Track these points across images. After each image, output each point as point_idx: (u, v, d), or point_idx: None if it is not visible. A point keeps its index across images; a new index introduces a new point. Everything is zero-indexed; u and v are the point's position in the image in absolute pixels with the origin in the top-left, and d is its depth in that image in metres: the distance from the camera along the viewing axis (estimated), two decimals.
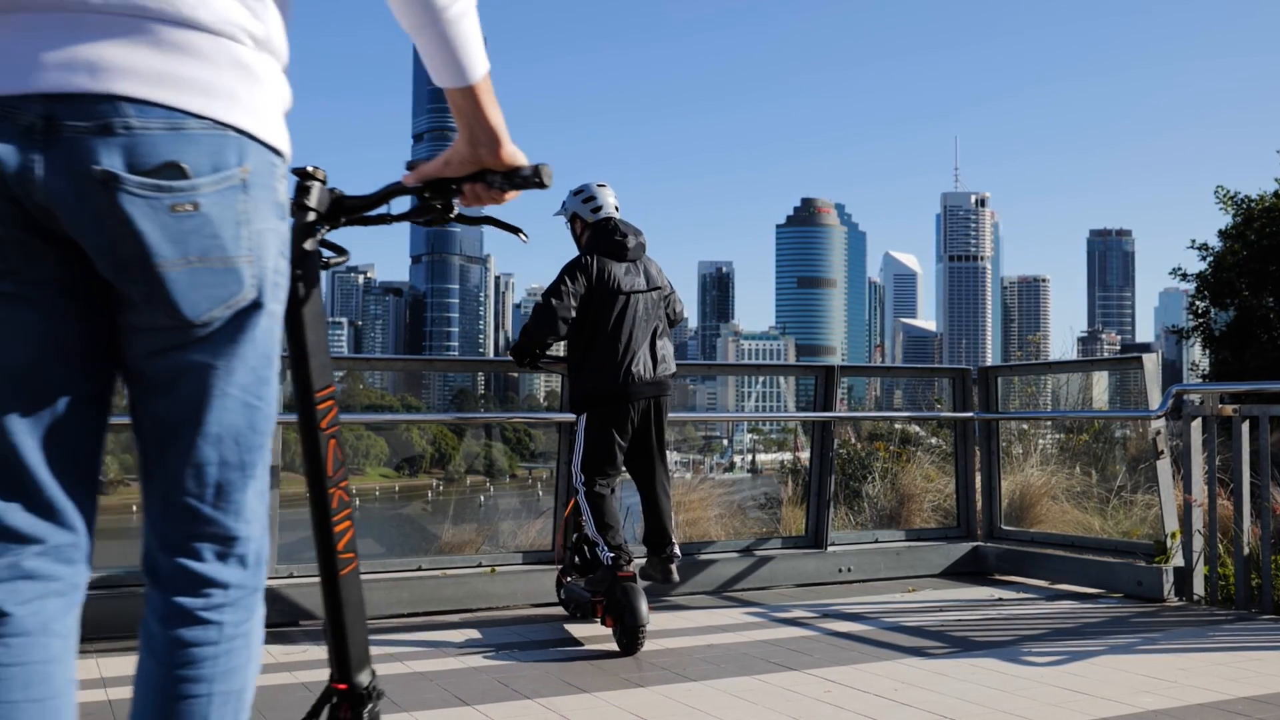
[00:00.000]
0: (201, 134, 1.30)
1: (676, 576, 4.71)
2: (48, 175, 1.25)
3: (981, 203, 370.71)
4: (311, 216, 1.67)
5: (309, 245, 1.65)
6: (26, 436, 1.33)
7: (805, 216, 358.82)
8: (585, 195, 4.72)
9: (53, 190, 1.25)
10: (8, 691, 1.28)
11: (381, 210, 1.79)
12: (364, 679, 1.83)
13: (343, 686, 1.81)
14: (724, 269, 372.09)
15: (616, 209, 4.73)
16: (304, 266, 1.63)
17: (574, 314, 4.52)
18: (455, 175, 1.67)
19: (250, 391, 1.43)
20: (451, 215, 1.73)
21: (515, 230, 1.86)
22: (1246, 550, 5.06)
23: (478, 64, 1.54)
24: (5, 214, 1.28)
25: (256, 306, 1.39)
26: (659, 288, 4.71)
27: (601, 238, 4.61)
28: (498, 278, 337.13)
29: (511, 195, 1.70)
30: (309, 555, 5.49)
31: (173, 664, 1.40)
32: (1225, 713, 3.35)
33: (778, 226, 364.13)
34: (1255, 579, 5.07)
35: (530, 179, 1.65)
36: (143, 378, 1.40)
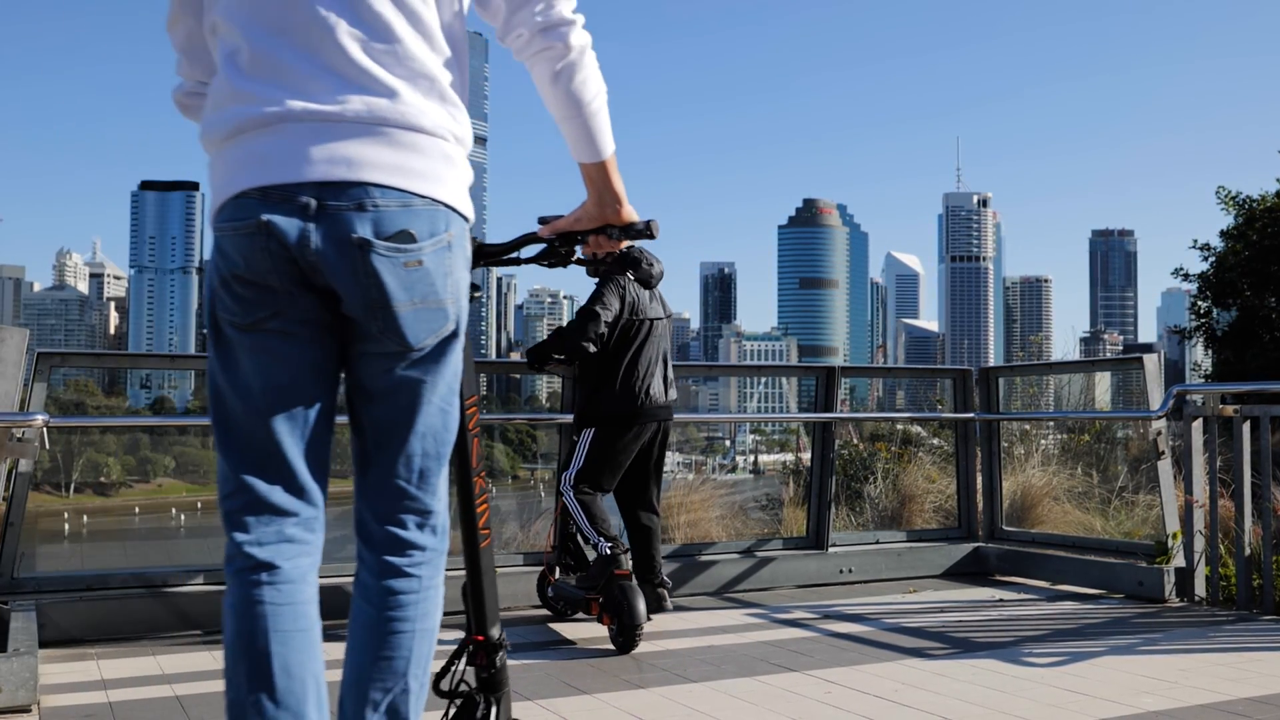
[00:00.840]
0: (423, 209, 1.77)
1: (670, 604, 4.78)
2: (318, 241, 1.71)
3: (983, 203, 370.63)
4: None
5: None
6: (287, 436, 1.80)
7: (807, 217, 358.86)
8: None
9: (321, 252, 1.72)
10: (282, 623, 1.75)
11: (512, 255, 2.31)
12: (495, 632, 2.28)
13: (480, 638, 2.27)
14: (726, 270, 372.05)
15: None
16: None
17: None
18: (583, 229, 2.11)
19: (445, 400, 1.88)
20: (573, 260, 2.23)
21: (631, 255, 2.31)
22: (1248, 551, 5.06)
23: (608, 144, 1.98)
24: (283, 271, 1.73)
25: (454, 335, 1.86)
26: (670, 315, 4.96)
27: (628, 264, 4.73)
28: (500, 279, 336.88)
29: (624, 244, 2.18)
30: None
31: (384, 607, 1.85)
32: (1226, 713, 3.34)
33: (780, 227, 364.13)
34: (1256, 579, 5.06)
35: (643, 231, 2.08)
36: (368, 390, 1.85)
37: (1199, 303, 18.16)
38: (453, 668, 2.23)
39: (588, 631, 4.58)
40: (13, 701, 3.26)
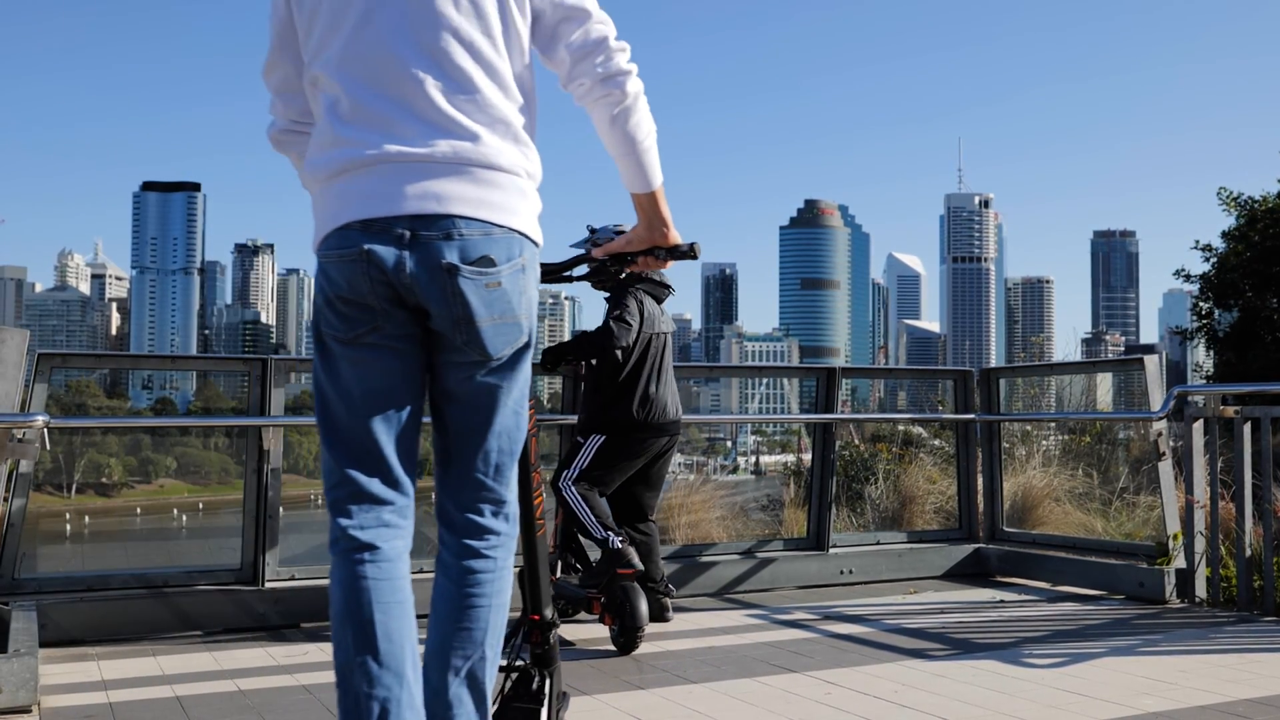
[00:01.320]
0: (501, 237, 2.03)
1: (670, 615, 4.80)
2: (412, 266, 1.98)
3: (985, 204, 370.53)
4: None
5: None
6: (383, 436, 2.06)
7: (809, 218, 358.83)
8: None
9: (415, 276, 1.98)
10: (383, 595, 2.01)
11: (566, 274, 2.65)
12: (548, 612, 2.55)
13: (535, 617, 2.55)
14: (727, 270, 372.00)
15: None
16: None
17: None
18: (633, 251, 2.40)
19: (518, 403, 2.16)
20: (621, 278, 2.61)
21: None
22: (1248, 552, 5.05)
23: (657, 177, 2.25)
24: (382, 293, 2.00)
25: (526, 346, 2.12)
26: (674, 330, 5.06)
27: (642, 278, 4.73)
28: None
29: (670, 264, 2.43)
30: (309, 557, 5.50)
31: (463, 585, 2.10)
32: (1225, 714, 3.34)
33: (781, 228, 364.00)
34: (1257, 580, 5.06)
35: (686, 253, 2.38)
36: (451, 394, 2.11)
37: (1200, 304, 18.15)
38: (509, 643, 2.44)
39: (588, 632, 4.58)
40: (13, 702, 3.26)
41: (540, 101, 2.22)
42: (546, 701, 2.49)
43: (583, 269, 2.61)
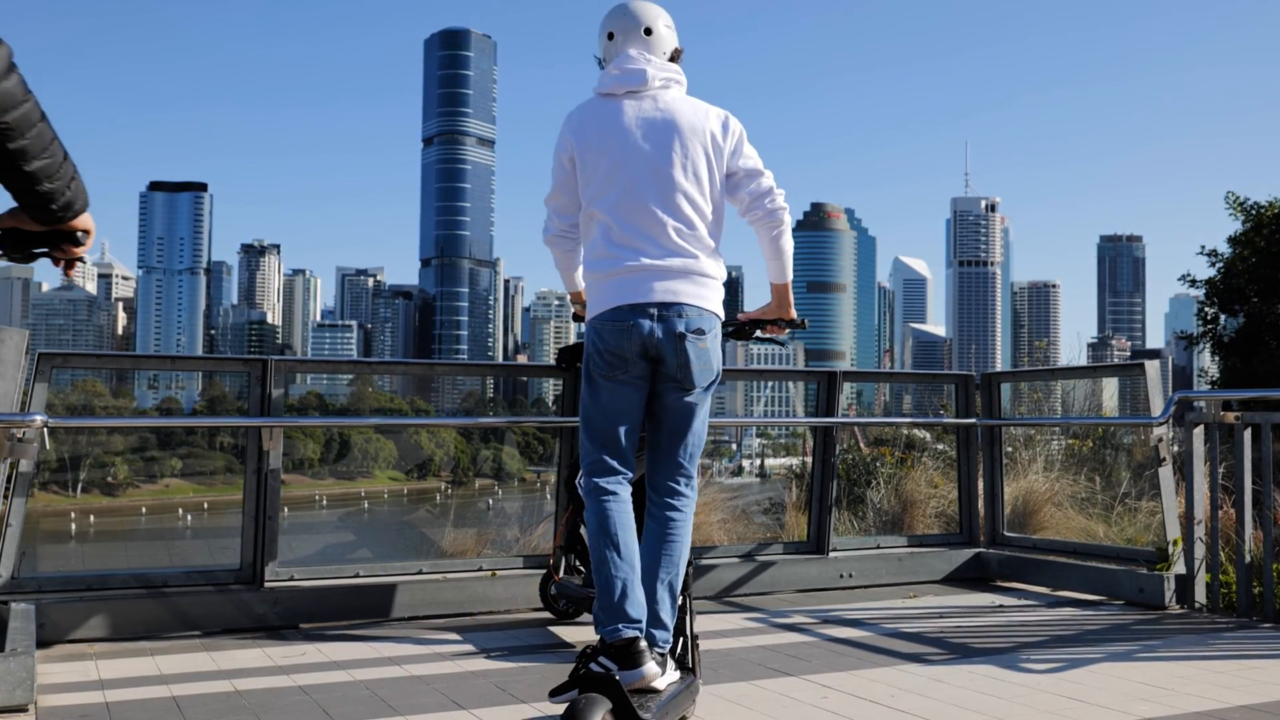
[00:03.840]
0: (707, 315, 3.26)
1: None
2: (658, 333, 3.19)
3: (991, 208, 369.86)
4: None
5: None
6: (622, 435, 3.26)
7: (815, 221, 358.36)
8: None
9: (659, 339, 3.19)
10: (621, 520, 3.18)
11: (728, 330, 3.66)
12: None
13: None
14: (734, 273, 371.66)
15: None
16: None
17: None
18: (764, 319, 3.62)
19: (704, 417, 3.36)
20: (750, 337, 3.68)
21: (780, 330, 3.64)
22: (1248, 558, 5.05)
23: (790, 274, 3.51)
24: (636, 349, 3.19)
25: (716, 380, 3.33)
26: None
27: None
28: (507, 281, 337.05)
29: (786, 331, 3.62)
30: (317, 559, 5.50)
31: (664, 526, 3.25)
32: None
33: None
34: (1257, 587, 5.05)
35: (797, 324, 3.58)
36: (668, 409, 3.29)
37: (1206, 309, 18.09)
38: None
39: (587, 635, 4.58)
40: (10, 701, 3.27)
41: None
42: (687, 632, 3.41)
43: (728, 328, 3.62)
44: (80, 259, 2.09)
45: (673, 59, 3.44)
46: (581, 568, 4.83)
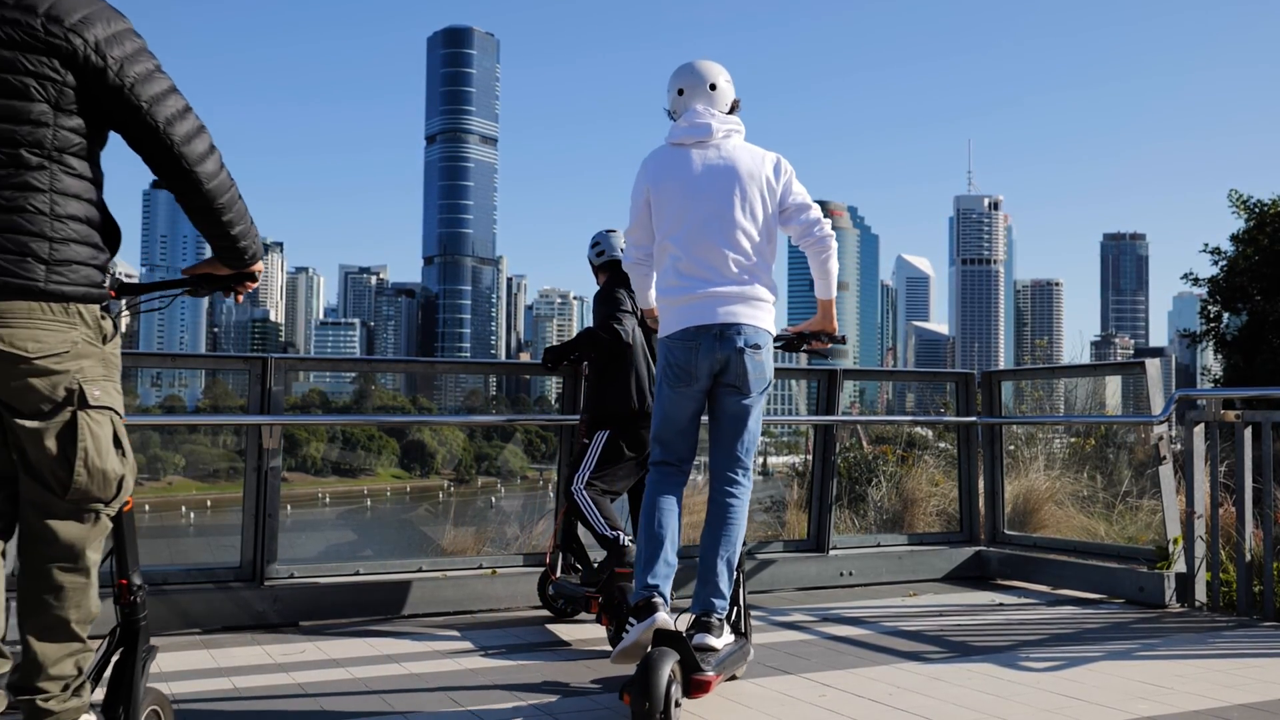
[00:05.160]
0: (762, 332, 3.74)
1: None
2: (720, 350, 3.68)
3: (994, 206, 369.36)
4: None
5: None
6: (683, 434, 3.78)
7: None
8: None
9: (723, 354, 3.68)
10: (664, 505, 3.68)
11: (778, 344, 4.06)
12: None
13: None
14: None
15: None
16: None
17: None
18: (810, 331, 4.09)
19: (759, 416, 3.81)
20: (799, 349, 4.12)
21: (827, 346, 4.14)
22: (1248, 556, 5.04)
23: (834, 291, 3.97)
24: (701, 364, 3.70)
25: (769, 386, 3.80)
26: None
27: (626, 276, 4.79)
28: (510, 279, 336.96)
29: (829, 345, 4.10)
30: (306, 557, 5.51)
31: (724, 509, 3.70)
32: (1218, 719, 3.34)
33: None
34: (1257, 585, 5.05)
35: (839, 340, 4.14)
36: (726, 411, 3.75)
37: (1209, 307, 18.06)
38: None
39: (585, 633, 4.59)
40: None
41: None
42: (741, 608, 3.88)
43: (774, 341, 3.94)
44: (250, 290, 2.71)
45: (732, 110, 3.93)
46: (578, 566, 4.84)
